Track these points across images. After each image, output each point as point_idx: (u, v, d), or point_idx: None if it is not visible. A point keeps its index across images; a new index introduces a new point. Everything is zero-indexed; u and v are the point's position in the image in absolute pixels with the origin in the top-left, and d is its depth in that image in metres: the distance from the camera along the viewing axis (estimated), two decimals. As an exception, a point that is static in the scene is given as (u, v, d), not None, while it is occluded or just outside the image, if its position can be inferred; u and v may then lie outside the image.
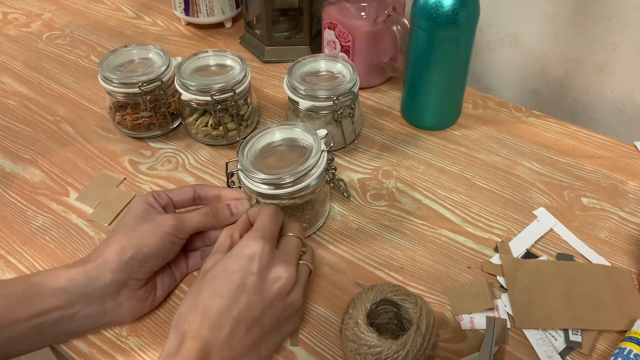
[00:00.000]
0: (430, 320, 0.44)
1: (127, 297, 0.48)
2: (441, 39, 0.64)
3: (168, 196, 0.53)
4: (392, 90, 0.80)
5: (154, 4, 1.02)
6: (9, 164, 0.69)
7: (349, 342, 0.45)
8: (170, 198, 0.53)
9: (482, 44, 0.86)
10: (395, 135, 0.72)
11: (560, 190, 0.64)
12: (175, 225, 0.49)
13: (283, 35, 0.88)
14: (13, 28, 0.96)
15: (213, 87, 0.64)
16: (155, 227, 0.48)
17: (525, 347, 0.49)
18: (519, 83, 0.87)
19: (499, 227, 0.60)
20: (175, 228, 0.49)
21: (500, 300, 0.53)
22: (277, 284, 0.45)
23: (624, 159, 0.68)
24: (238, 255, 0.45)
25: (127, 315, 0.49)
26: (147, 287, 0.50)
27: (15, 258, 0.57)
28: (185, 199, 0.54)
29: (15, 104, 0.78)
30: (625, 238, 0.59)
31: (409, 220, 0.61)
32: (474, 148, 0.70)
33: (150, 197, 0.52)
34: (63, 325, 0.46)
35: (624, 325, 0.50)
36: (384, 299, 0.46)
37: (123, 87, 0.66)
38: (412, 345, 0.42)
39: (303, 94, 0.64)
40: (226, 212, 0.53)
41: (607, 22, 0.74)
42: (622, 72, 0.77)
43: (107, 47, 0.90)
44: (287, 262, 0.46)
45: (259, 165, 0.54)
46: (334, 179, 0.60)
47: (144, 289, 0.49)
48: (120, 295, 0.47)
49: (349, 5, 0.74)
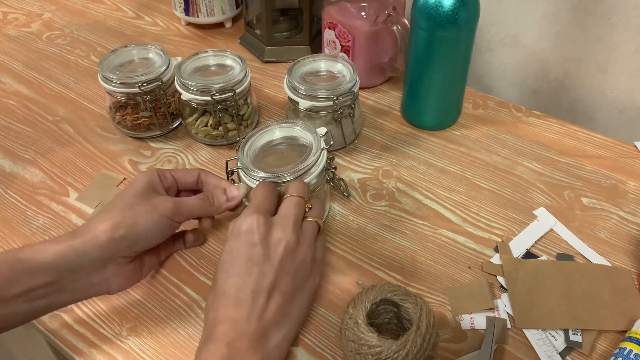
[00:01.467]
0: (431, 320, 0.44)
1: (113, 273, 0.48)
2: (441, 39, 0.64)
3: (173, 177, 0.53)
4: (392, 90, 0.80)
5: (154, 4, 1.02)
6: (9, 164, 0.69)
7: (349, 342, 0.45)
8: (175, 179, 0.53)
9: (482, 44, 0.86)
10: (395, 135, 0.72)
11: (560, 190, 0.64)
12: (172, 209, 0.49)
13: (283, 35, 0.88)
14: (13, 28, 0.96)
15: (213, 87, 0.64)
16: (151, 208, 0.48)
17: (525, 347, 0.49)
18: (519, 83, 0.87)
19: (499, 227, 0.60)
20: (172, 211, 0.49)
21: (500, 300, 0.53)
22: (279, 247, 0.45)
23: (624, 159, 0.68)
24: (237, 233, 0.46)
25: (113, 288, 0.49)
26: (135, 265, 0.50)
27: (15, 258, 0.57)
28: (190, 181, 0.54)
29: (15, 104, 0.78)
30: (625, 238, 0.59)
31: (409, 220, 0.61)
32: (474, 148, 0.70)
33: (155, 176, 0.51)
34: (52, 298, 0.45)
35: (624, 325, 0.50)
36: (384, 299, 0.46)
37: (123, 87, 0.66)
38: (412, 345, 0.42)
39: (303, 94, 0.64)
40: (222, 198, 0.53)
41: (607, 22, 0.74)
42: (622, 72, 0.77)
43: (107, 47, 0.90)
44: (284, 224, 0.46)
45: (259, 163, 0.55)
46: (334, 179, 0.60)
47: (131, 266, 0.50)
48: (107, 270, 0.47)
49: (349, 5, 0.74)
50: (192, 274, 0.56)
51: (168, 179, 0.53)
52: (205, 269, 0.56)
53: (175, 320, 0.52)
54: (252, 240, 0.45)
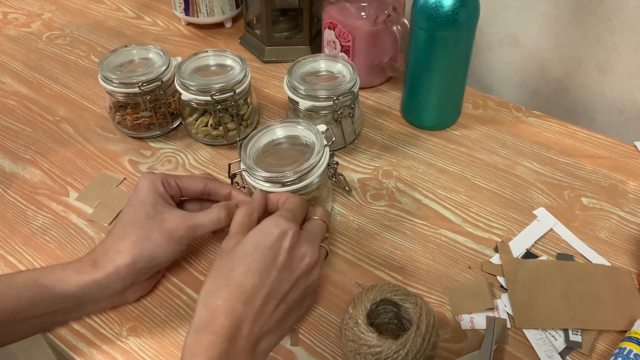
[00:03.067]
0: (430, 320, 0.44)
1: (132, 291, 0.51)
2: (441, 39, 0.64)
3: (178, 185, 0.53)
4: (392, 90, 0.80)
5: (154, 4, 1.02)
6: (9, 164, 0.69)
7: (349, 342, 0.45)
8: (179, 188, 0.53)
9: (482, 44, 0.86)
10: (395, 135, 0.72)
11: (560, 190, 0.64)
12: (187, 236, 0.50)
13: (283, 35, 0.88)
14: (13, 28, 0.96)
15: (213, 87, 0.64)
16: (167, 236, 0.49)
17: (525, 347, 0.49)
18: (519, 83, 0.87)
19: (499, 227, 0.60)
20: (187, 238, 0.50)
21: (500, 300, 0.53)
22: (303, 262, 0.46)
23: (624, 159, 0.68)
24: (269, 232, 0.45)
25: (130, 300, 0.52)
26: (152, 278, 0.53)
27: (15, 258, 0.57)
28: (195, 191, 0.54)
29: (15, 104, 0.78)
30: (625, 238, 0.59)
31: (409, 220, 0.61)
32: (474, 148, 0.70)
33: (160, 186, 0.51)
34: (71, 318, 0.50)
35: (624, 325, 0.50)
36: (384, 299, 0.46)
37: (123, 87, 0.66)
38: (412, 345, 0.42)
39: (303, 94, 0.64)
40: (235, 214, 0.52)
41: (607, 22, 0.74)
42: (622, 72, 0.77)
43: (107, 47, 0.90)
44: (312, 242, 0.47)
45: (261, 163, 0.55)
46: (336, 174, 0.61)
47: (149, 281, 0.52)
48: (127, 292, 0.51)
49: (349, 5, 0.74)
50: (192, 274, 0.56)
51: (173, 188, 0.52)
52: (205, 269, 0.56)
53: (175, 320, 0.52)
54: (281, 246, 0.45)
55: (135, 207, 0.50)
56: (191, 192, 0.54)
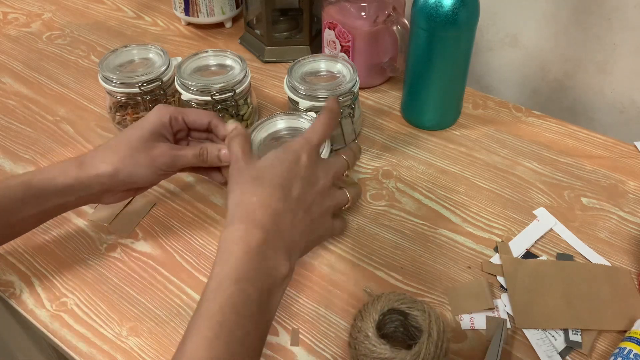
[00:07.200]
0: (441, 327, 0.44)
1: (107, 196, 0.55)
2: (441, 39, 0.64)
3: (184, 121, 0.56)
4: (392, 90, 0.80)
5: (154, 4, 1.02)
6: (9, 164, 0.69)
7: (362, 356, 0.44)
8: (185, 123, 0.56)
9: (482, 44, 0.86)
10: (395, 135, 0.72)
11: (560, 190, 0.64)
12: (168, 164, 0.53)
13: (283, 35, 0.88)
14: (13, 28, 0.96)
15: (213, 87, 0.64)
16: (150, 160, 0.52)
17: (525, 347, 0.49)
18: (519, 83, 0.87)
19: (499, 227, 0.60)
20: (167, 165, 0.53)
21: (500, 300, 0.53)
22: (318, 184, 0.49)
23: (624, 159, 0.68)
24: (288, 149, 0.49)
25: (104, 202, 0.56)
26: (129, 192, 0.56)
27: (15, 258, 0.57)
28: (200, 124, 0.56)
29: (15, 104, 0.78)
30: (625, 238, 0.59)
31: (409, 220, 0.61)
32: (474, 148, 0.70)
33: (166, 119, 0.54)
34: (62, 211, 0.54)
35: (624, 325, 0.50)
36: (391, 308, 0.46)
37: (123, 87, 0.66)
38: (425, 354, 0.42)
39: (303, 94, 0.64)
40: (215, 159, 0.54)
41: (607, 22, 0.74)
42: (622, 72, 0.77)
43: (107, 47, 0.90)
44: (325, 169, 0.50)
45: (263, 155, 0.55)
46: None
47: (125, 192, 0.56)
48: (104, 196, 0.54)
49: (349, 5, 0.74)
50: (192, 274, 0.56)
51: (179, 123, 0.55)
52: (206, 268, 0.56)
53: (175, 320, 0.52)
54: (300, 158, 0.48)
55: (135, 129, 0.53)
56: (197, 125, 0.56)
